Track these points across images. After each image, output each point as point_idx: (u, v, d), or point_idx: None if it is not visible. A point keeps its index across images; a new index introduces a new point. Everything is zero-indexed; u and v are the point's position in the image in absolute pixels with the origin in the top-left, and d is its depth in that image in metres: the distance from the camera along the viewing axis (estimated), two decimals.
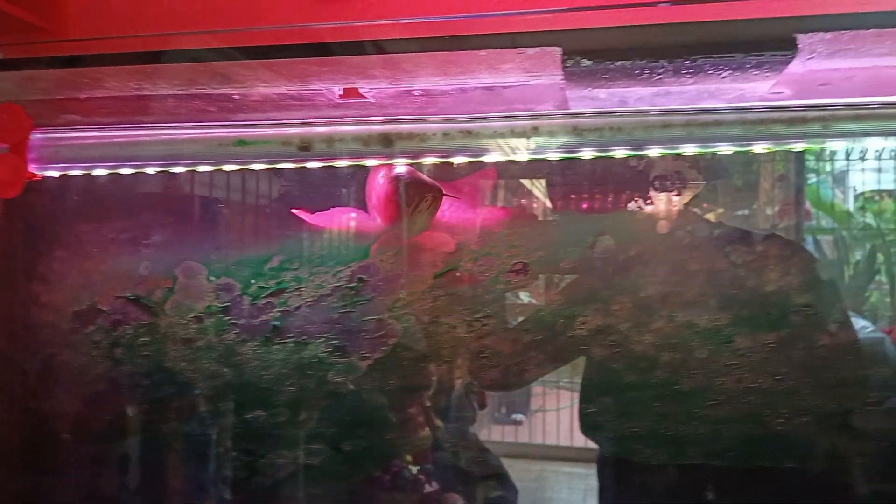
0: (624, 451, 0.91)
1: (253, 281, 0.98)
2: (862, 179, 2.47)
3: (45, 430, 1.02)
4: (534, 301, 1.26)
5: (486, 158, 0.94)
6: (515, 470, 1.53)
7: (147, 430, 1.00)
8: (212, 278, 1.02)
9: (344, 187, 1.09)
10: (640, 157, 1.16)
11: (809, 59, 0.83)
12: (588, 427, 1.11)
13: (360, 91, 1.10)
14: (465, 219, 1.07)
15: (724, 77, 0.84)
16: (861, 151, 2.48)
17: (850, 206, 2.73)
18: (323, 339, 0.94)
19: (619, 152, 0.90)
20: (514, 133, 0.90)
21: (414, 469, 1.17)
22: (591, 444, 1.36)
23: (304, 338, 0.96)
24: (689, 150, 0.89)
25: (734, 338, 0.89)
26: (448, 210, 1.06)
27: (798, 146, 0.85)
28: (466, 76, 0.99)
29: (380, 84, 1.04)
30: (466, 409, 1.31)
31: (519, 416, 2.90)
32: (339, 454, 0.96)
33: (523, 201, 1.18)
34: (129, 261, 1.01)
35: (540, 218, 0.95)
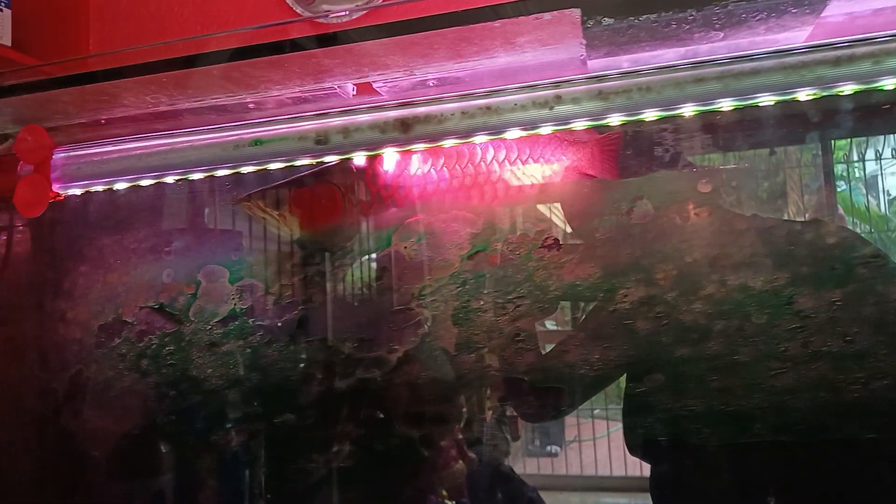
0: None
1: (275, 279, 0.95)
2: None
3: (74, 448, 1.00)
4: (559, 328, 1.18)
5: (508, 135, 0.89)
6: (554, 502, 1.48)
7: (177, 441, 0.97)
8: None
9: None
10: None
11: None
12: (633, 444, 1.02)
13: (374, 86, 1.07)
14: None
15: (758, 20, 0.78)
16: (893, 149, 2.33)
17: (886, 209, 2.59)
18: (349, 333, 0.90)
19: (650, 114, 0.84)
20: (536, 104, 0.85)
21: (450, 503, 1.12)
22: (632, 472, 1.29)
23: (329, 334, 0.92)
24: (727, 105, 0.82)
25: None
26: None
27: (847, 89, 0.78)
28: (481, 55, 0.96)
29: (393, 74, 1.02)
30: (499, 440, 1.27)
31: (554, 448, 2.83)
32: (372, 455, 0.90)
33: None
34: (152, 269, 0.99)
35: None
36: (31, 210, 1.04)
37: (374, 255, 0.92)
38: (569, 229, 0.88)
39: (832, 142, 1.51)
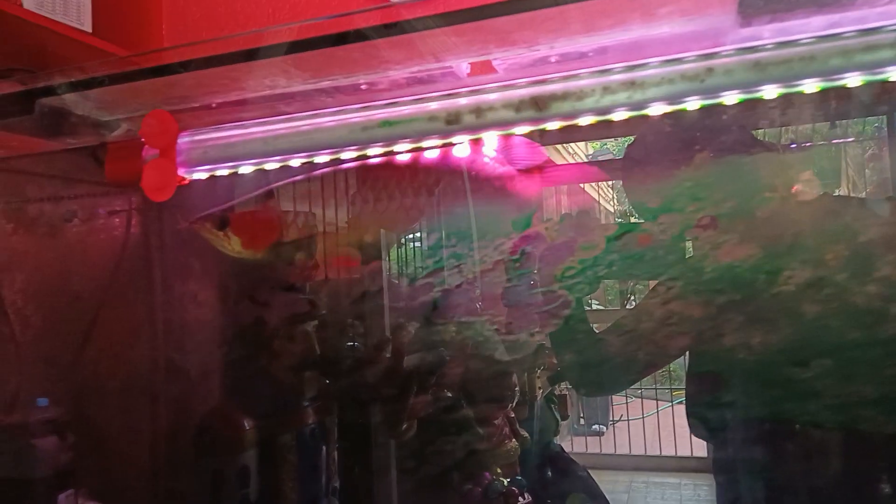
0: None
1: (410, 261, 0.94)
2: None
3: (208, 429, 1.03)
4: (602, 307, 1.16)
5: (650, 111, 0.86)
6: (602, 481, 1.51)
7: (311, 422, 0.99)
8: None
9: None
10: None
11: None
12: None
13: (493, 64, 1.05)
14: None
15: None
16: None
17: None
18: (487, 316, 0.90)
19: (810, 85, 0.80)
20: (685, 78, 0.82)
21: (505, 481, 1.13)
22: (682, 452, 1.26)
23: (466, 316, 0.91)
24: None
25: None
26: None
27: None
28: (615, 29, 0.93)
29: (517, 51, 0.99)
30: (548, 419, 1.29)
31: (600, 427, 2.86)
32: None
33: None
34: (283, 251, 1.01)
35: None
36: (159, 194, 1.06)
37: (513, 239, 0.91)
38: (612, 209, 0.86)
39: None
